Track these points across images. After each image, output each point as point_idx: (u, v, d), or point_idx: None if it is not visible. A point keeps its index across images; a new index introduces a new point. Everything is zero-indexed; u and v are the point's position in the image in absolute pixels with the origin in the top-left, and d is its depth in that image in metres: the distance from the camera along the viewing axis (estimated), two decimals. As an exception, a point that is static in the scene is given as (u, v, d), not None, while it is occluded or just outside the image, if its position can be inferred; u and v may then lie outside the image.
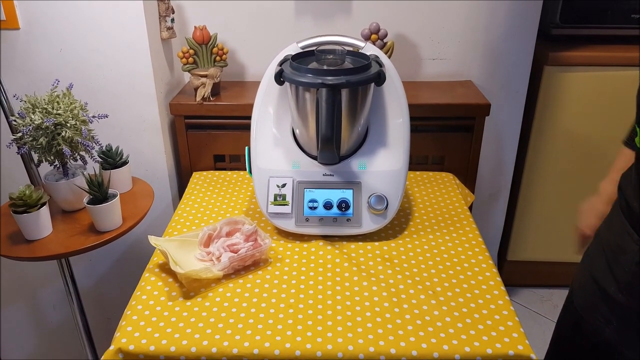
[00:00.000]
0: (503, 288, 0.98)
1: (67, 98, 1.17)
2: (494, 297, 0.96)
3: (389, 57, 1.42)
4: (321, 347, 0.84)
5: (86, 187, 1.15)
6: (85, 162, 1.23)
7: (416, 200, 1.29)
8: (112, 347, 0.86)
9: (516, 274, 2.05)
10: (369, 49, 1.15)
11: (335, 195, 1.12)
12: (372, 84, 1.07)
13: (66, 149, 1.14)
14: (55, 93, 1.16)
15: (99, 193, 1.15)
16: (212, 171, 1.49)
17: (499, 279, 1.01)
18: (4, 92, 1.27)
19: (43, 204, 1.13)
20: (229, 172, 1.47)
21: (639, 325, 0.85)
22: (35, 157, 1.19)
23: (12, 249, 1.12)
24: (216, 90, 1.48)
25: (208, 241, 1.08)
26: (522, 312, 1.98)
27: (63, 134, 1.13)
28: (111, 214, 1.16)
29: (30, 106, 1.13)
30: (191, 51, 1.44)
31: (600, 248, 0.95)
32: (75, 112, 1.16)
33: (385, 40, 1.45)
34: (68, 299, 1.34)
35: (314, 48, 1.13)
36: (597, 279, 0.93)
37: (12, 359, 1.78)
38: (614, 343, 0.90)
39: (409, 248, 1.10)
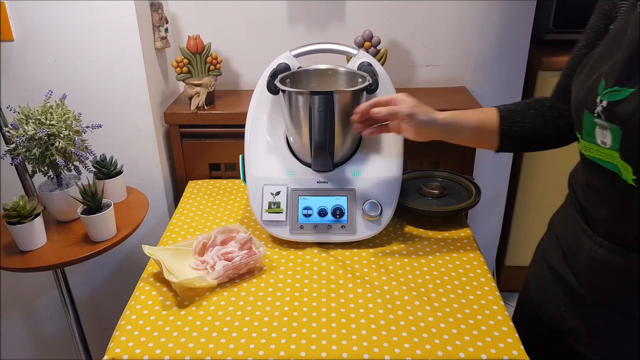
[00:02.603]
0: (498, 293, 0.98)
1: (60, 109, 1.17)
2: (489, 302, 0.95)
3: (383, 64, 1.43)
4: (316, 355, 0.84)
5: (80, 197, 1.15)
6: (79, 172, 1.23)
7: (411, 207, 1.29)
8: (106, 357, 0.85)
9: (514, 279, 2.05)
10: (362, 57, 1.16)
11: (329, 203, 1.12)
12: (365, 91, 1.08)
13: (60, 160, 1.14)
14: (49, 104, 1.17)
15: (93, 203, 1.15)
16: (207, 180, 1.49)
17: (493, 284, 1.01)
18: (-2, 103, 1.27)
19: (37, 215, 1.13)
20: (224, 181, 1.47)
21: (599, 314, 0.87)
22: (29, 167, 1.19)
23: (6, 260, 1.12)
24: (210, 99, 1.49)
25: (203, 250, 1.08)
26: (521, 318, 1.97)
27: (56, 144, 1.13)
28: (105, 223, 1.16)
29: (23, 117, 1.13)
30: (185, 60, 1.45)
31: (556, 240, 0.97)
32: (69, 122, 1.16)
33: (378, 48, 1.46)
34: (64, 310, 1.34)
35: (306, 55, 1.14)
36: (556, 270, 0.95)
37: (8, 370, 1.78)
38: (577, 331, 0.91)
39: (404, 254, 1.10)
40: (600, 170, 0.79)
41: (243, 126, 1.19)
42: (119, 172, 1.32)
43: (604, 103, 0.74)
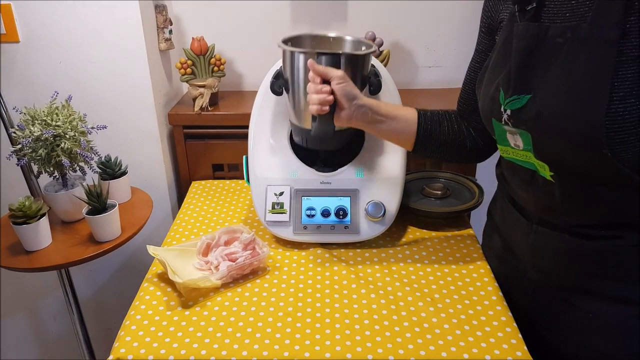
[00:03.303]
0: (501, 294, 0.98)
1: (66, 110, 1.18)
2: (492, 303, 0.96)
3: (385, 65, 1.43)
4: (319, 355, 0.84)
5: (85, 197, 1.16)
6: (84, 173, 1.24)
7: (414, 207, 1.29)
8: (110, 357, 0.86)
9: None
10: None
11: (332, 203, 1.12)
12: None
13: (65, 160, 1.14)
14: (55, 105, 1.18)
15: (98, 203, 1.15)
16: (210, 180, 1.49)
17: (496, 284, 1.01)
18: (4, 104, 1.28)
19: (42, 215, 1.13)
20: (228, 181, 1.48)
21: (551, 295, 0.89)
22: (35, 168, 1.20)
23: (12, 259, 1.12)
24: (214, 100, 1.49)
25: (206, 250, 1.08)
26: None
27: (62, 145, 1.14)
28: (110, 224, 1.17)
29: (29, 118, 1.14)
30: (189, 62, 1.45)
31: (497, 231, 1.03)
32: (74, 123, 1.17)
33: (381, 49, 1.46)
34: (68, 310, 1.35)
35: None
36: (504, 259, 1.00)
37: (12, 370, 1.78)
38: (537, 316, 0.94)
39: (407, 255, 1.11)
40: (520, 169, 0.84)
41: (246, 127, 1.19)
42: (124, 173, 1.33)
43: (508, 112, 0.78)
